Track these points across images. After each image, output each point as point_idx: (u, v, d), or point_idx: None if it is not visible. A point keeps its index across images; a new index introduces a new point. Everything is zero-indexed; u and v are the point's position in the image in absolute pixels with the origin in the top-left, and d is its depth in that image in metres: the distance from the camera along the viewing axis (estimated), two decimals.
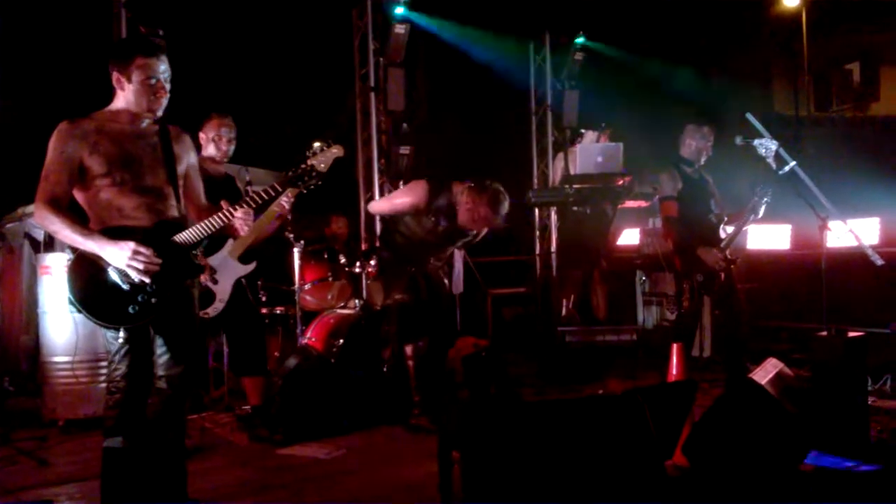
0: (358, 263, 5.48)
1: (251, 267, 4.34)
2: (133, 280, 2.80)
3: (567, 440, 2.90)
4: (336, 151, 3.16)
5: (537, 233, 8.55)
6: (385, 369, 4.73)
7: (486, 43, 7.93)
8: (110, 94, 2.95)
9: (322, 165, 3.13)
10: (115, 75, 2.90)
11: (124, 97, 2.91)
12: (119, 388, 2.86)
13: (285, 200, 4.08)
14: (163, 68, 2.90)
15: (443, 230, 4.47)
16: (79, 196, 2.91)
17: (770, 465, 3.21)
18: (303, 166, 3.10)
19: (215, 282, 4.11)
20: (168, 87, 2.94)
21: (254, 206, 3.01)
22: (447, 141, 7.85)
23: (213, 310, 4.15)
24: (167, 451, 3.00)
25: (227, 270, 4.23)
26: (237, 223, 2.97)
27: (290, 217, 4.45)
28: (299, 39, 7.65)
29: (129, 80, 2.87)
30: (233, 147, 4.47)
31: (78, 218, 2.84)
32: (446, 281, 4.96)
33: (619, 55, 8.61)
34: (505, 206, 4.38)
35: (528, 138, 8.80)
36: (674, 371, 3.98)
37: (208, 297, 4.11)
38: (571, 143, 7.60)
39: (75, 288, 2.83)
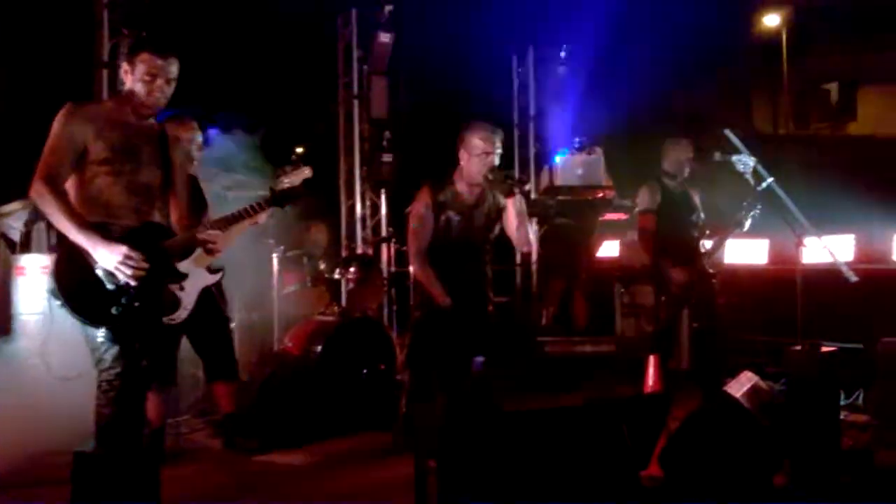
0: (337, 270, 5.47)
1: (219, 276, 4.27)
2: (119, 282, 2.78)
3: (543, 450, 2.91)
4: (307, 173, 3.22)
5: None
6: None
7: (470, 54, 7.96)
8: (91, 96, 2.95)
9: (291, 185, 3.30)
10: (124, 66, 2.94)
11: (128, 89, 2.94)
12: (114, 387, 2.81)
13: (262, 216, 4.02)
14: (169, 69, 2.92)
15: (457, 226, 4.06)
16: (70, 179, 2.86)
17: (744, 477, 3.24)
18: (284, 187, 3.26)
19: (182, 288, 4.04)
20: (169, 88, 2.94)
21: (225, 230, 3.14)
22: (429, 150, 7.86)
23: (178, 317, 4.08)
24: (141, 456, 2.97)
25: (193, 278, 4.15)
26: (206, 239, 3.02)
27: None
28: (283, 45, 7.66)
29: (133, 73, 2.90)
30: (199, 154, 4.32)
31: (74, 206, 2.80)
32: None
33: (602, 70, 8.69)
34: (489, 125, 4.04)
35: (510, 150, 8.84)
36: (650, 382, 4.03)
37: (174, 304, 4.05)
38: (553, 155, 7.64)
39: (62, 281, 2.78)
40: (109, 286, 2.78)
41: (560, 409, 3.62)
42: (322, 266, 5.60)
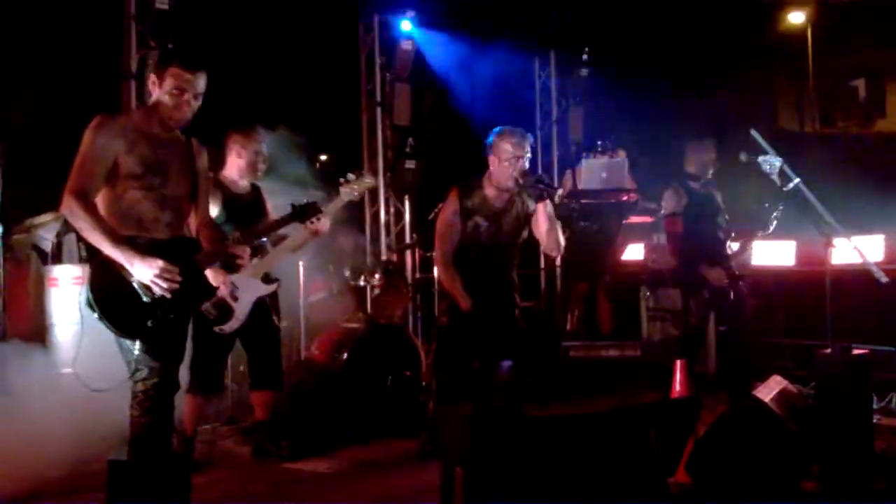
0: (363, 277, 5.50)
1: (273, 287, 4.27)
2: (154, 294, 2.81)
3: (570, 455, 2.91)
4: (370, 182, 3.31)
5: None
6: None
7: (492, 59, 7.97)
8: (118, 109, 3.00)
9: (356, 194, 3.57)
10: (152, 78, 2.96)
11: (155, 101, 2.96)
12: (149, 398, 2.85)
13: (325, 224, 3.97)
14: (197, 84, 2.95)
15: (486, 232, 4.03)
16: (100, 193, 2.89)
17: (773, 483, 3.21)
18: (306, 201, 3.42)
19: (235, 299, 4.04)
20: (196, 103, 2.97)
21: (250, 243, 3.23)
22: (453, 156, 7.88)
23: (229, 327, 4.09)
24: (173, 464, 3.02)
25: (248, 288, 4.15)
26: (234, 253, 3.06)
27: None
28: (306, 53, 7.72)
29: (161, 86, 2.93)
30: (263, 166, 4.34)
31: (106, 221, 2.82)
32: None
33: (625, 72, 8.64)
34: (519, 130, 4.01)
35: (534, 154, 8.81)
36: (678, 387, 3.99)
37: (226, 313, 4.06)
38: (577, 158, 7.62)
39: (98, 294, 2.80)
40: (145, 299, 2.82)
41: (587, 414, 3.62)
42: (347, 273, 5.63)
